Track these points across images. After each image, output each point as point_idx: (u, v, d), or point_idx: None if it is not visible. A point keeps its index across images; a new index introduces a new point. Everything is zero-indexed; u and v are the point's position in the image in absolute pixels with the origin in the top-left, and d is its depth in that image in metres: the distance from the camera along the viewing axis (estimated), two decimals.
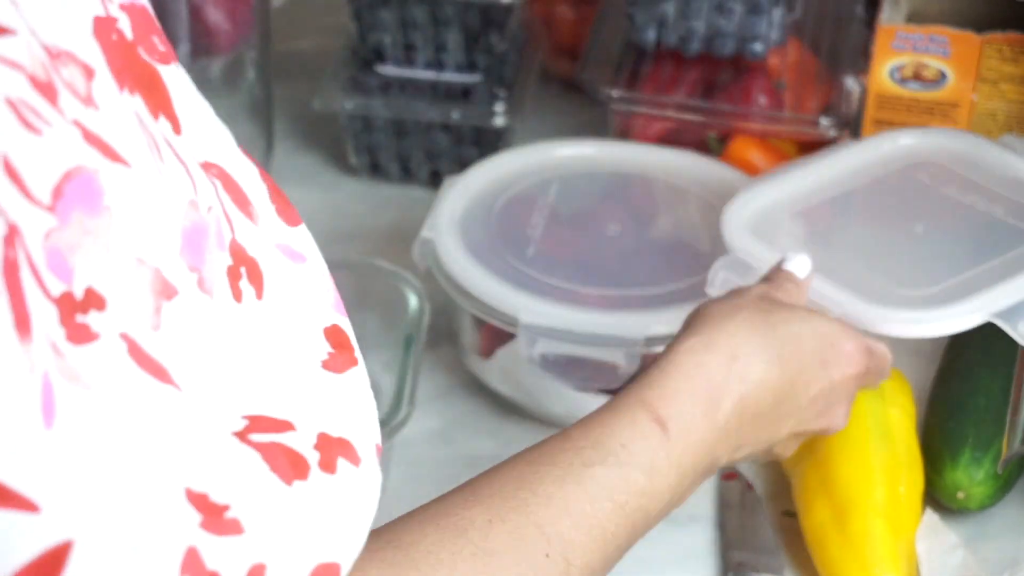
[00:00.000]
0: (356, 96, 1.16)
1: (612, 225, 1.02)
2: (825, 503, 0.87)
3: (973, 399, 0.92)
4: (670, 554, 0.89)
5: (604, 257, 0.99)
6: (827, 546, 0.86)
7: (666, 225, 1.03)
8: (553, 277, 0.97)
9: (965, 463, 0.89)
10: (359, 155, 1.20)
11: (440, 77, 1.16)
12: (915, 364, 0.99)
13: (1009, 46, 1.08)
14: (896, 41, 1.09)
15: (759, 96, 1.15)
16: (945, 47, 1.09)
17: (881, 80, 1.11)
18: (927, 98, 1.11)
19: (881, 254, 0.94)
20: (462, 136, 1.17)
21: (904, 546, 0.85)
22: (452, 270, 0.98)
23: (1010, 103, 1.10)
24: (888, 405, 0.90)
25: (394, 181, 1.21)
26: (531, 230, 1.01)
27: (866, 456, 0.87)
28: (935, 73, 1.10)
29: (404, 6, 1.13)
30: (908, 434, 0.90)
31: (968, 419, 0.91)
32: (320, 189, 1.21)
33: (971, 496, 0.89)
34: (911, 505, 0.87)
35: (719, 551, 0.89)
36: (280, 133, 1.23)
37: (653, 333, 0.93)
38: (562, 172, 1.07)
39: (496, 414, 0.99)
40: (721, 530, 0.90)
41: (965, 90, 1.10)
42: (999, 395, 0.91)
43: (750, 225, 0.93)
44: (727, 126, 1.14)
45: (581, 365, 0.94)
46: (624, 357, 0.93)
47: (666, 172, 1.07)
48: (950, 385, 0.94)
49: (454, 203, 1.03)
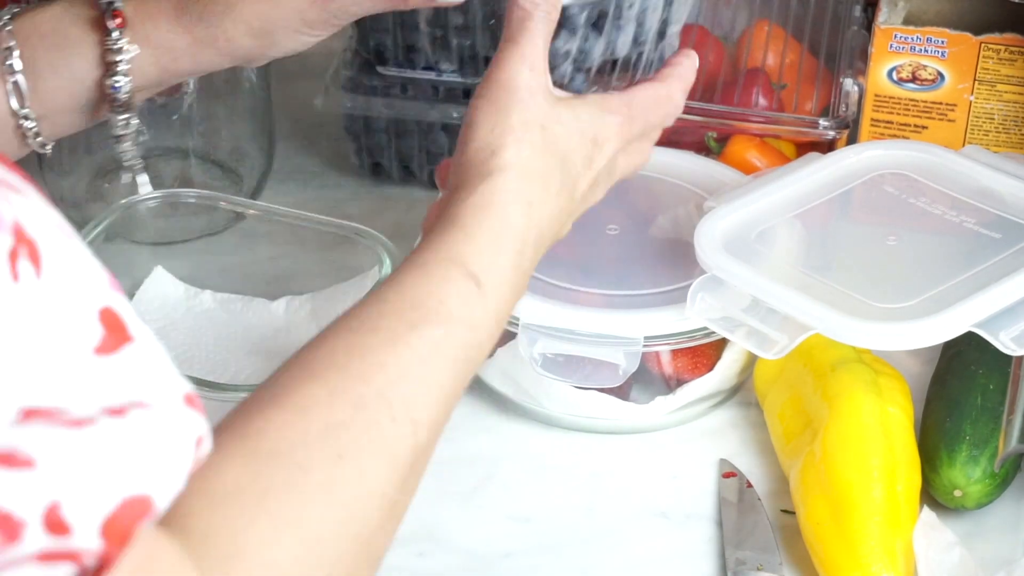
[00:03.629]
0: (357, 97, 1.16)
1: (612, 225, 1.02)
2: (823, 501, 0.87)
3: (970, 398, 0.92)
4: (669, 552, 0.90)
5: (604, 257, 1.00)
6: (825, 544, 0.86)
7: (666, 225, 1.03)
8: (553, 277, 0.97)
9: (962, 461, 0.89)
10: (360, 156, 1.20)
11: (441, 78, 1.16)
12: (913, 364, 1.00)
13: (1006, 48, 1.09)
14: (894, 42, 1.10)
15: (758, 97, 1.15)
16: (943, 48, 1.09)
17: (879, 81, 1.11)
18: (925, 99, 1.11)
19: (857, 267, 0.95)
20: None
21: (901, 544, 0.86)
22: None
23: (1007, 104, 1.10)
24: (886, 404, 0.91)
25: (395, 182, 1.21)
26: None
27: (864, 455, 0.88)
28: (933, 74, 1.10)
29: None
30: (905, 433, 0.91)
31: (965, 418, 0.91)
32: (321, 189, 1.21)
33: (968, 494, 0.89)
34: (908, 503, 0.88)
35: (718, 549, 0.90)
36: (281, 134, 1.23)
37: (653, 333, 0.94)
38: None
39: (496, 414, 1.00)
40: (720, 528, 0.91)
41: (962, 91, 1.10)
42: (996, 394, 0.92)
43: (723, 243, 0.94)
44: (726, 126, 1.14)
45: (581, 365, 0.94)
46: (624, 357, 0.93)
47: (665, 172, 1.08)
48: (947, 384, 0.95)
49: None
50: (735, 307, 0.91)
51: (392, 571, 0.88)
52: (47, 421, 0.47)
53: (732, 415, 0.99)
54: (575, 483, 0.94)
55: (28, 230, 0.48)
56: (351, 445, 0.62)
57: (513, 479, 0.95)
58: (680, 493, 0.94)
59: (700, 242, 0.94)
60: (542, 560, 0.89)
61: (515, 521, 0.92)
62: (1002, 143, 1.12)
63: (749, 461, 0.95)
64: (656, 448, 0.97)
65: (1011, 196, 0.99)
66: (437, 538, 0.90)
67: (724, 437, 0.98)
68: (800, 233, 0.97)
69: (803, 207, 0.99)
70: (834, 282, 0.92)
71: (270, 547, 0.57)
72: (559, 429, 0.98)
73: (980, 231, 0.97)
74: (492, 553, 0.90)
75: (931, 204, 1.00)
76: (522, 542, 0.90)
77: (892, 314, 0.89)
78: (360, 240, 1.03)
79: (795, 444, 0.92)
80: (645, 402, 0.97)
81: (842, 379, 0.92)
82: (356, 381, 0.65)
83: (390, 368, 0.66)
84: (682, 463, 0.96)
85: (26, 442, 0.46)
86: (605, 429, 0.98)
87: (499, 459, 0.96)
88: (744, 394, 1.01)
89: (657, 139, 0.88)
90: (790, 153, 1.14)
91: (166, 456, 0.50)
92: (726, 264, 0.92)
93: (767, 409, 0.97)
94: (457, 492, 0.94)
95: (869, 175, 1.02)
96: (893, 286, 0.91)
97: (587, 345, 0.93)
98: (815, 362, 0.94)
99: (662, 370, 0.97)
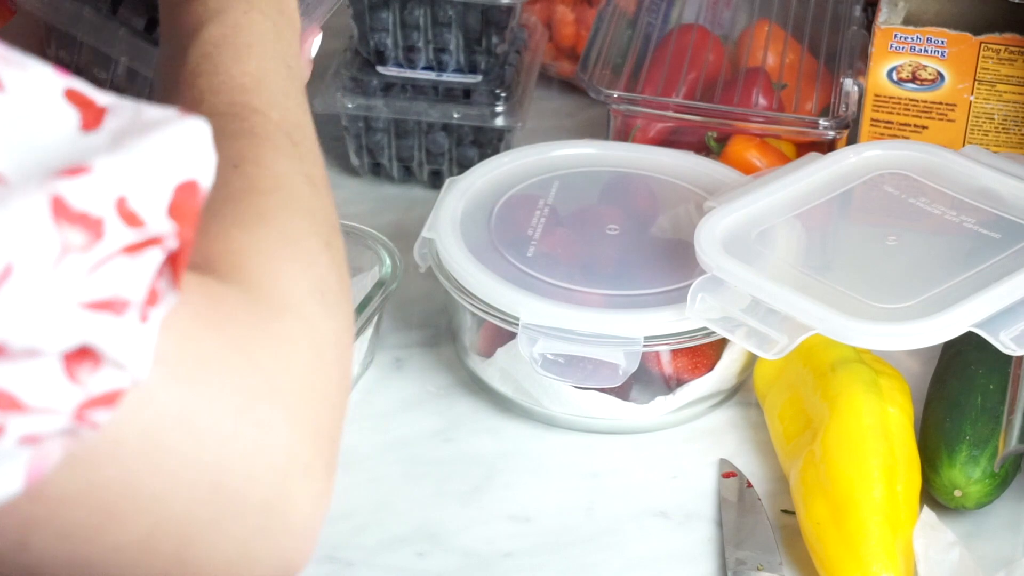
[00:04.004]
0: (357, 97, 1.16)
1: (612, 225, 1.02)
2: (823, 501, 0.87)
3: (970, 398, 0.92)
4: (670, 552, 0.90)
5: (604, 257, 1.00)
6: (825, 544, 0.86)
7: (665, 225, 1.04)
8: (553, 277, 0.97)
9: (962, 461, 0.89)
10: (360, 155, 1.20)
11: (441, 78, 1.16)
12: (913, 364, 1.00)
13: (1006, 48, 1.09)
14: (894, 42, 1.10)
15: (758, 97, 1.15)
16: (943, 48, 1.09)
17: (879, 81, 1.11)
18: (925, 99, 1.11)
19: (857, 267, 0.95)
20: (462, 136, 1.17)
21: (902, 544, 0.86)
22: (453, 270, 0.98)
23: (1007, 104, 1.10)
24: (886, 404, 0.91)
25: (395, 181, 1.21)
26: (531, 230, 1.02)
27: (864, 455, 0.88)
28: (933, 74, 1.10)
29: (405, 8, 1.14)
30: (906, 433, 0.91)
31: (965, 418, 0.91)
32: None
33: (968, 494, 0.89)
34: (908, 503, 0.88)
35: (718, 549, 0.90)
36: None
37: (653, 333, 0.94)
38: (562, 172, 1.08)
39: (496, 413, 1.00)
40: (720, 528, 0.91)
41: (962, 91, 1.10)
42: (996, 394, 0.92)
43: (723, 243, 0.94)
44: (726, 127, 1.14)
45: (581, 364, 0.94)
46: (624, 357, 0.93)
47: (666, 172, 1.08)
48: (947, 384, 0.95)
49: (455, 203, 1.03)
50: (735, 307, 0.91)
51: (392, 571, 0.88)
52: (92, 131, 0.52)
53: (732, 415, 1.00)
54: (575, 483, 0.95)
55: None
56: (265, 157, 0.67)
57: (513, 479, 0.95)
58: (680, 493, 0.94)
59: (700, 242, 0.94)
60: (542, 560, 0.89)
61: (515, 521, 0.92)
62: (1002, 143, 1.12)
63: (749, 461, 0.95)
64: (656, 448, 0.97)
65: (1011, 196, 0.99)
66: (437, 538, 0.90)
67: (724, 437, 0.98)
68: (800, 233, 0.97)
69: (803, 207, 0.99)
70: (834, 282, 0.92)
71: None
72: (559, 429, 0.98)
73: (980, 231, 0.97)
74: (492, 553, 0.90)
75: (931, 204, 1.00)
76: (522, 542, 0.90)
77: (892, 314, 0.89)
78: (360, 240, 1.03)
79: (795, 444, 0.92)
80: (645, 402, 0.97)
81: (842, 379, 0.92)
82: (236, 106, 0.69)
83: (261, 88, 0.71)
84: (682, 463, 0.96)
85: (80, 154, 0.51)
86: (605, 429, 0.98)
87: (499, 459, 0.96)
88: (744, 394, 1.01)
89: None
90: (790, 153, 1.14)
91: (191, 146, 0.53)
92: (726, 264, 0.92)
93: (767, 409, 0.97)
94: (457, 492, 0.94)
95: (869, 175, 1.02)
96: (893, 286, 0.92)
97: (587, 345, 0.93)
98: (815, 362, 0.94)
99: (662, 370, 0.97)
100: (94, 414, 0.51)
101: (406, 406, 1.00)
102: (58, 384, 0.49)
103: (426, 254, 1.01)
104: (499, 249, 1.00)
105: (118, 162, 0.51)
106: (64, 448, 0.51)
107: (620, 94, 1.14)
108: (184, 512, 0.55)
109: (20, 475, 0.51)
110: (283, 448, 0.58)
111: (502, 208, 1.04)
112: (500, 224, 1.02)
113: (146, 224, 0.51)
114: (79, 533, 0.54)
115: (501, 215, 1.03)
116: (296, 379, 0.59)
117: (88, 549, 0.55)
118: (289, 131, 0.70)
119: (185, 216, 0.52)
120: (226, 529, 0.57)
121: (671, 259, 0.99)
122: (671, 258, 0.99)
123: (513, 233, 1.01)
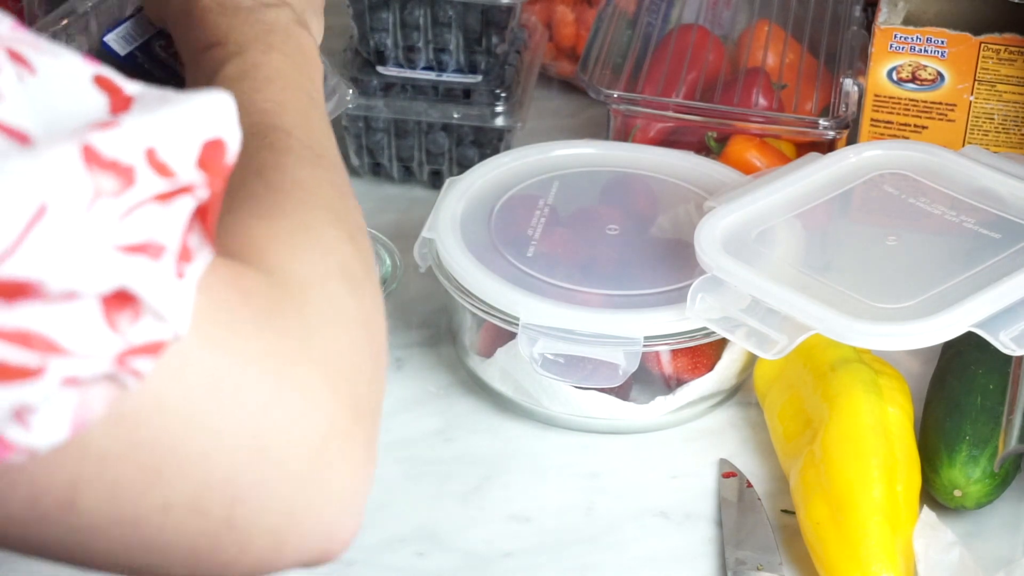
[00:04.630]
0: (357, 97, 1.16)
1: (612, 225, 1.02)
2: (823, 501, 0.87)
3: (970, 398, 0.92)
4: (670, 552, 0.90)
5: (604, 257, 1.00)
6: (825, 544, 0.86)
7: (665, 225, 1.04)
8: (553, 277, 0.98)
9: (962, 461, 0.89)
10: (360, 155, 1.20)
11: (441, 78, 1.16)
12: (913, 364, 1.00)
13: (1006, 48, 1.09)
14: (894, 42, 1.10)
15: (758, 97, 1.15)
16: (943, 49, 1.09)
17: (879, 81, 1.11)
18: (925, 99, 1.11)
19: (857, 267, 0.95)
20: (462, 136, 1.17)
21: (901, 544, 0.86)
22: (453, 270, 0.98)
23: (1007, 104, 1.10)
24: (886, 404, 0.91)
25: (395, 181, 1.21)
26: (531, 230, 1.02)
27: (864, 455, 0.88)
28: (933, 74, 1.10)
29: (405, 8, 1.14)
30: (906, 433, 0.91)
31: (965, 418, 0.91)
32: None
33: (968, 494, 0.89)
34: (908, 503, 0.88)
35: (718, 549, 0.90)
36: None
37: (653, 333, 0.94)
38: (562, 172, 1.08)
39: (496, 413, 1.00)
40: (720, 528, 0.91)
41: (962, 91, 1.10)
42: (996, 394, 0.92)
43: (723, 243, 0.94)
44: (726, 127, 1.14)
45: (581, 364, 0.94)
46: (624, 357, 0.93)
47: (665, 172, 1.08)
48: (947, 384, 0.95)
49: (455, 203, 1.03)
50: (735, 307, 0.91)
51: (392, 571, 0.88)
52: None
53: (732, 415, 1.00)
54: (575, 483, 0.95)
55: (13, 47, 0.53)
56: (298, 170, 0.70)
57: (513, 479, 0.95)
58: (680, 493, 0.94)
59: (700, 242, 0.94)
60: (542, 560, 0.89)
61: (515, 521, 0.92)
62: (1002, 143, 1.12)
63: (749, 461, 0.95)
64: (656, 448, 0.97)
65: (1011, 196, 0.99)
66: (437, 538, 0.90)
67: (724, 437, 0.98)
68: (800, 233, 0.97)
69: (803, 207, 0.99)
70: (834, 282, 0.92)
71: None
72: (559, 429, 0.98)
73: (980, 231, 0.97)
74: (492, 553, 0.90)
75: (931, 204, 1.00)
76: (522, 542, 0.90)
77: (892, 314, 0.89)
78: None
79: (795, 444, 0.92)
80: (645, 402, 0.97)
81: (842, 379, 0.92)
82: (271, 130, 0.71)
83: (286, 111, 0.74)
84: (682, 463, 0.96)
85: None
86: (605, 429, 0.98)
87: (499, 459, 0.96)
88: (744, 394, 1.01)
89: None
90: (790, 153, 1.14)
91: (217, 111, 0.55)
92: (726, 264, 0.93)
93: (767, 409, 0.97)
94: (457, 492, 0.94)
95: (869, 175, 1.03)
96: (893, 286, 0.92)
97: (587, 345, 0.93)
98: (815, 362, 0.94)
99: (662, 370, 0.97)
100: (136, 361, 0.52)
101: (406, 406, 1.00)
102: (98, 330, 0.50)
103: (426, 254, 1.01)
104: (499, 249, 1.00)
105: (146, 119, 0.52)
106: (109, 400, 0.52)
107: (620, 94, 1.14)
108: (230, 472, 0.56)
109: (66, 422, 0.51)
110: (322, 415, 0.59)
111: (502, 208, 1.04)
112: (500, 224, 1.02)
113: (176, 174, 0.52)
114: (126, 492, 0.55)
115: (501, 215, 1.03)
116: (329, 350, 0.60)
117: (136, 509, 0.55)
118: (311, 145, 0.72)
119: (214, 168, 0.54)
120: (272, 491, 0.57)
121: (671, 259, 0.99)
122: (671, 258, 0.99)
123: (513, 233, 1.01)
